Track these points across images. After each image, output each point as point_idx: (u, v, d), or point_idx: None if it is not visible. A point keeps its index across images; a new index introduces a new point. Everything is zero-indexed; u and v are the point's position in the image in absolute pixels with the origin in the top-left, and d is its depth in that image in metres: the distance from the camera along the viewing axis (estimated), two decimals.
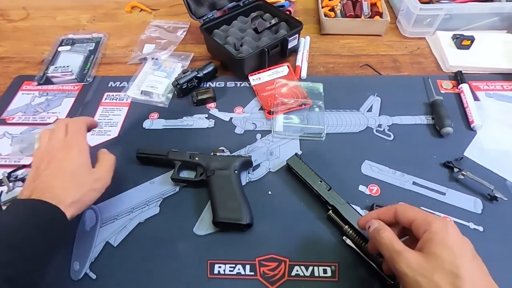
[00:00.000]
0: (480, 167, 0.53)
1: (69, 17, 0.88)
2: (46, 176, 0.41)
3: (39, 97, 0.67)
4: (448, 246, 0.31)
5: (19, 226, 0.36)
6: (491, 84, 0.65)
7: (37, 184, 0.40)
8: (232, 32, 0.71)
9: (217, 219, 0.46)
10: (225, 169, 0.50)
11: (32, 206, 0.38)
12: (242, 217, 0.46)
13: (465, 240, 0.33)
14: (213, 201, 0.48)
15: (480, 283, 0.31)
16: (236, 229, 0.47)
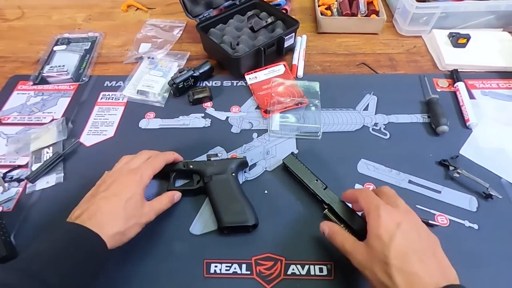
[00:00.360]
0: (476, 165, 0.53)
1: (65, 16, 0.87)
2: (100, 198, 0.41)
3: (34, 97, 0.66)
4: (378, 236, 0.35)
5: (56, 256, 0.35)
6: (487, 82, 0.65)
7: (90, 205, 0.40)
8: (228, 31, 0.71)
9: (223, 225, 0.45)
10: (222, 173, 0.50)
11: (74, 232, 0.37)
12: (248, 218, 0.45)
13: (399, 222, 0.35)
14: (216, 207, 0.47)
15: (407, 264, 0.33)
16: (242, 231, 0.46)
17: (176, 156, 0.51)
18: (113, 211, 0.40)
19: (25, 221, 0.49)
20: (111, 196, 0.41)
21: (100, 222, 0.38)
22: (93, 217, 0.38)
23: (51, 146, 0.57)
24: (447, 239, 0.45)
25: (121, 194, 0.41)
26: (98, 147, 0.58)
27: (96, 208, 0.40)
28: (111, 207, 0.40)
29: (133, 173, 0.44)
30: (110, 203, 0.40)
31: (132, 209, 0.41)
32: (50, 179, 0.54)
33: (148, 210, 0.44)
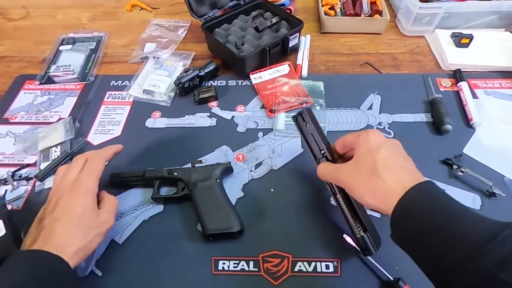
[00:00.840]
0: (479, 164, 0.54)
1: (69, 16, 0.88)
2: (50, 220, 0.39)
3: (41, 96, 0.67)
4: (367, 148, 0.38)
5: (21, 284, 0.33)
6: (490, 82, 0.66)
7: (41, 230, 0.38)
8: (233, 31, 0.72)
9: (207, 232, 0.45)
10: (207, 179, 0.49)
11: (34, 259, 0.35)
12: (232, 225, 0.46)
13: (385, 140, 0.39)
14: (200, 214, 0.47)
15: (394, 165, 0.36)
16: (228, 238, 0.46)
17: (115, 149, 0.48)
18: (68, 231, 0.38)
19: (34, 219, 0.50)
20: (62, 216, 0.39)
21: (57, 245, 0.36)
22: (48, 241, 0.36)
23: (59, 145, 0.58)
24: None
25: (71, 212, 0.39)
26: (105, 146, 0.58)
27: (49, 231, 0.38)
28: (65, 227, 0.38)
29: (76, 187, 0.41)
30: (63, 224, 0.38)
31: (88, 223, 0.40)
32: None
33: (106, 217, 0.42)
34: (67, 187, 0.42)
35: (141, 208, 0.51)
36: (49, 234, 0.37)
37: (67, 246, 0.37)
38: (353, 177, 0.38)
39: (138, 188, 0.53)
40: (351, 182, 0.38)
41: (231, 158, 0.56)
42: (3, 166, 0.56)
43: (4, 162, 0.57)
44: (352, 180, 0.38)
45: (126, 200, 0.51)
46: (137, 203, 0.51)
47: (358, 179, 0.37)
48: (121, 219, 0.49)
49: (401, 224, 0.33)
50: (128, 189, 0.53)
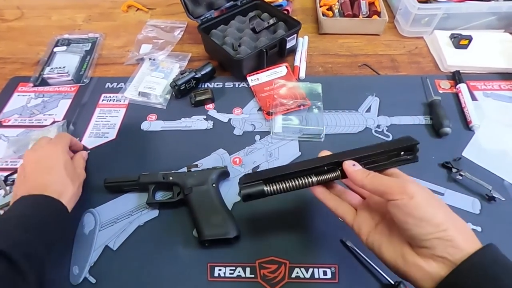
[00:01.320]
0: (478, 167, 0.53)
1: (64, 16, 0.87)
2: (38, 174, 0.43)
3: (35, 99, 0.66)
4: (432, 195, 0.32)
5: (30, 216, 0.39)
6: (489, 83, 0.66)
7: (31, 183, 0.42)
8: (230, 32, 0.71)
9: (203, 238, 0.44)
10: (203, 184, 0.48)
11: (38, 200, 0.40)
12: (229, 230, 0.45)
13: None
14: (196, 219, 0.46)
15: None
16: (224, 243, 0.45)
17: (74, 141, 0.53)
18: (60, 179, 0.44)
19: None
20: (50, 168, 0.44)
21: (56, 190, 0.42)
22: (47, 189, 0.41)
23: None
24: None
25: (57, 164, 0.45)
26: (100, 150, 0.58)
27: (41, 183, 0.42)
28: (57, 177, 0.44)
29: (53, 144, 0.48)
30: (51, 175, 0.44)
31: (72, 173, 0.46)
32: None
33: (80, 170, 0.49)
34: (45, 147, 0.47)
35: (136, 213, 0.50)
36: (42, 185, 0.42)
37: (64, 192, 0.43)
38: (432, 196, 0.31)
39: (133, 193, 0.52)
40: (430, 197, 0.31)
41: (228, 161, 0.55)
42: None
43: None
44: (430, 196, 0.31)
45: (121, 205, 0.51)
46: (131, 208, 0.50)
47: (434, 201, 0.31)
48: (116, 224, 0.49)
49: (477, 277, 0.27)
50: (123, 194, 0.52)
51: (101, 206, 0.50)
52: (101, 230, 0.48)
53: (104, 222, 0.49)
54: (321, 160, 0.37)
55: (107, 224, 0.49)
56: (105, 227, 0.48)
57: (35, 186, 0.42)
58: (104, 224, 0.49)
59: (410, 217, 0.29)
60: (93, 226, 0.48)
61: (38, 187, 0.41)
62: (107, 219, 0.49)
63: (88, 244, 0.47)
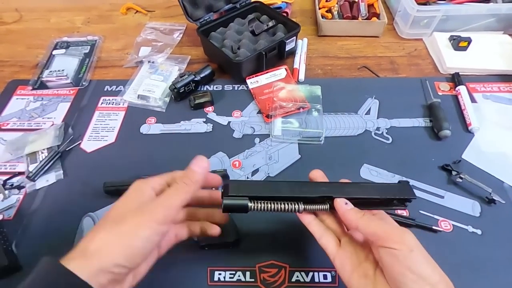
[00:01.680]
0: (478, 169, 0.53)
1: (63, 19, 0.86)
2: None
3: (34, 102, 0.66)
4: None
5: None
6: (488, 85, 0.66)
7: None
8: (229, 35, 0.71)
9: (202, 242, 0.44)
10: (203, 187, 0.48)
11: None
12: (229, 234, 0.44)
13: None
14: None
15: None
16: (224, 247, 0.45)
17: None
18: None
19: (26, 229, 0.49)
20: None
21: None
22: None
23: (45, 150, 0.57)
24: (450, 245, 0.46)
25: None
26: (99, 153, 0.57)
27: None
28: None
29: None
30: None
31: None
32: (49, 178, 0.54)
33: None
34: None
35: None
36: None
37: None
38: (423, 251, 0.30)
39: None
40: (422, 252, 0.30)
41: (227, 165, 0.55)
42: None
43: None
44: (421, 249, 0.30)
45: None
46: None
47: (429, 257, 0.30)
48: None
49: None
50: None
51: (100, 210, 0.50)
52: None
53: None
54: (313, 190, 0.36)
55: None
56: None
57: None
58: None
59: (409, 271, 0.28)
60: None
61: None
62: None
63: None
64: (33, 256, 0.46)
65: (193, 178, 0.34)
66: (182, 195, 0.33)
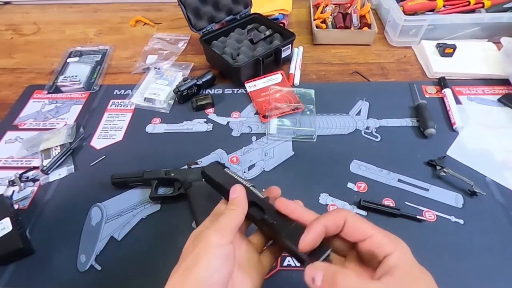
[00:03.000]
0: (462, 165, 0.56)
1: (77, 31, 0.93)
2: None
3: (49, 105, 0.71)
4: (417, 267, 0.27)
5: None
6: (473, 89, 0.69)
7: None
8: (229, 43, 0.76)
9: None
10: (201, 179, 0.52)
11: None
12: None
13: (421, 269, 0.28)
14: (195, 212, 0.49)
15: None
16: None
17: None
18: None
19: (39, 217, 0.53)
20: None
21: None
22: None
23: (58, 147, 0.62)
24: (434, 233, 0.49)
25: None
26: (107, 150, 0.62)
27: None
28: None
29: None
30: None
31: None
32: (61, 172, 0.59)
33: None
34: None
35: (140, 207, 0.53)
36: None
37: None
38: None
39: (137, 189, 0.56)
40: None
41: (226, 160, 0.59)
42: (12, 168, 0.59)
43: (13, 165, 0.60)
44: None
45: (126, 199, 0.54)
46: (135, 202, 0.54)
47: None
48: (120, 217, 0.52)
49: None
50: (128, 189, 0.56)
51: (107, 201, 0.54)
52: (107, 222, 0.52)
53: (110, 215, 0.53)
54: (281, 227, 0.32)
55: (112, 217, 0.52)
56: (111, 219, 0.52)
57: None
58: (110, 216, 0.52)
59: None
60: (99, 219, 0.52)
61: None
62: (113, 212, 0.53)
63: (95, 235, 0.50)
64: (45, 241, 0.50)
65: (236, 203, 0.34)
66: (233, 219, 0.32)
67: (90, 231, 0.51)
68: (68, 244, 0.50)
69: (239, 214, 0.33)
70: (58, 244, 0.50)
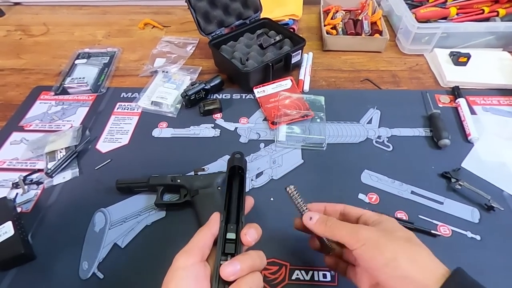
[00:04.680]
0: (477, 178, 0.54)
1: (86, 32, 0.93)
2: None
3: (55, 106, 0.71)
4: (397, 225, 0.34)
5: None
6: (488, 99, 0.68)
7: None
8: (238, 48, 0.75)
9: None
10: (208, 187, 0.51)
11: None
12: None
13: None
14: (200, 220, 0.48)
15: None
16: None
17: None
18: None
19: (42, 222, 0.52)
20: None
21: None
22: None
23: (64, 149, 0.61)
24: (449, 249, 0.47)
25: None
26: (113, 154, 0.61)
27: None
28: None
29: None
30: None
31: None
32: (66, 175, 0.58)
33: None
34: None
35: (144, 213, 0.52)
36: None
37: None
38: (381, 235, 0.32)
39: (142, 194, 0.54)
40: (378, 238, 0.31)
41: None
42: (16, 170, 0.59)
43: (17, 167, 0.59)
44: (379, 237, 0.31)
45: (130, 205, 0.53)
46: (140, 209, 0.53)
47: (390, 238, 0.31)
48: (125, 223, 0.51)
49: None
50: (133, 195, 0.54)
51: (112, 206, 0.53)
52: (111, 229, 0.50)
53: (114, 221, 0.51)
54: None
55: (116, 223, 0.51)
56: (114, 225, 0.51)
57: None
58: (114, 223, 0.51)
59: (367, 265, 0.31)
60: (103, 225, 0.51)
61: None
62: (117, 218, 0.52)
63: (98, 241, 0.49)
64: (47, 247, 0.49)
65: (207, 224, 0.36)
66: (200, 239, 0.34)
67: (93, 238, 0.50)
68: (71, 250, 0.48)
69: (207, 234, 0.34)
70: (60, 250, 0.48)
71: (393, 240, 0.31)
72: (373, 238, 0.32)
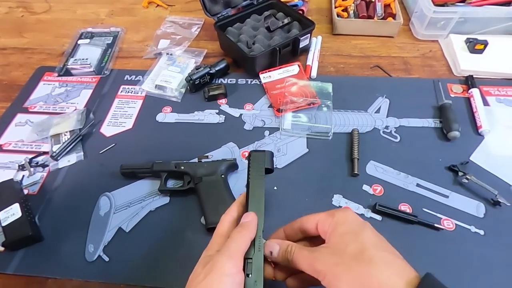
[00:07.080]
0: (486, 172, 0.53)
1: (89, 11, 0.91)
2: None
3: (59, 88, 0.70)
4: (350, 227, 0.32)
5: None
6: (503, 89, 0.65)
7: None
8: (245, 30, 0.73)
9: (209, 225, 0.47)
10: (212, 174, 0.51)
11: None
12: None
13: (364, 221, 0.33)
14: (204, 207, 0.49)
15: (385, 249, 0.30)
16: None
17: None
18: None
19: (48, 204, 0.53)
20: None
21: None
22: None
23: (68, 132, 0.61)
24: (452, 243, 0.47)
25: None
26: (117, 138, 0.61)
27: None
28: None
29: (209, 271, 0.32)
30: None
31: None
32: (71, 158, 0.58)
33: None
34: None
35: (148, 199, 0.53)
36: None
37: None
38: (335, 263, 0.29)
39: (146, 180, 0.55)
40: (332, 270, 0.29)
41: (237, 155, 0.57)
42: (22, 152, 0.59)
43: (23, 149, 0.60)
44: (333, 268, 0.29)
45: (134, 190, 0.54)
46: (144, 194, 0.53)
47: (343, 266, 0.29)
48: (129, 208, 0.52)
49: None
50: (137, 180, 0.55)
51: (116, 191, 0.54)
52: (116, 213, 0.51)
53: (118, 205, 0.52)
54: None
55: (121, 208, 0.52)
56: (119, 210, 0.51)
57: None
58: (118, 207, 0.52)
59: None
60: (108, 209, 0.52)
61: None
62: (122, 203, 0.52)
63: (103, 225, 0.50)
64: (54, 229, 0.50)
65: (247, 226, 0.34)
66: (241, 244, 0.32)
67: (98, 221, 0.50)
68: (77, 232, 0.49)
69: (247, 240, 0.33)
70: (67, 232, 0.50)
71: (346, 265, 0.29)
72: (330, 270, 0.29)
